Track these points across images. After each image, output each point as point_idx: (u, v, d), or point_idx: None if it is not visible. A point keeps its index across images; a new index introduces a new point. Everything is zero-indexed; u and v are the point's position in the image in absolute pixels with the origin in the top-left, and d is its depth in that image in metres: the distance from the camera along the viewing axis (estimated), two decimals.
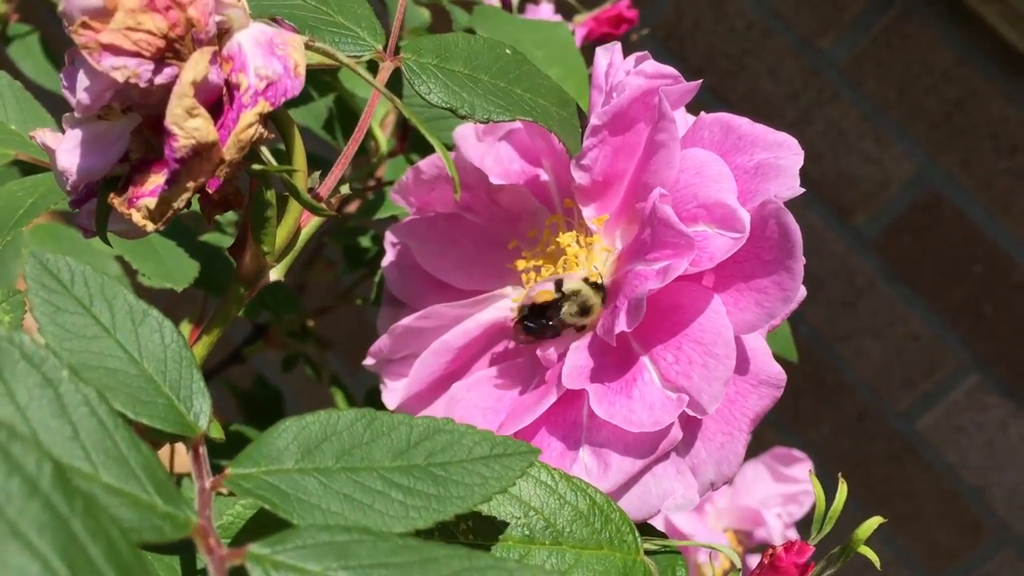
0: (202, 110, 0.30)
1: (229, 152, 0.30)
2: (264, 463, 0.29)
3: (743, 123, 0.39)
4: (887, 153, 1.08)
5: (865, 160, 1.09)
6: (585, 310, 0.40)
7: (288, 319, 0.61)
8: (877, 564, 0.36)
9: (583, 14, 0.66)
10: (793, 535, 0.71)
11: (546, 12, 0.63)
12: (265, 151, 0.32)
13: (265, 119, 0.31)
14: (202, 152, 0.30)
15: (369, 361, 0.45)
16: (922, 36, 1.05)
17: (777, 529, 0.68)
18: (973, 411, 1.08)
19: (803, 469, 0.70)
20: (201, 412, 0.30)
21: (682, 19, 1.13)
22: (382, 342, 0.44)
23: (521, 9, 0.65)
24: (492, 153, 0.46)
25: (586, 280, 0.40)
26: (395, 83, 0.54)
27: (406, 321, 0.44)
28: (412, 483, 0.30)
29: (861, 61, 1.09)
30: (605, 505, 0.35)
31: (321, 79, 0.59)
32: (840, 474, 0.38)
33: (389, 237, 0.47)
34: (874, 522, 0.35)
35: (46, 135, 0.34)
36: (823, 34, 1.09)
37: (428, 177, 0.44)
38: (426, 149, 0.58)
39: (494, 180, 0.44)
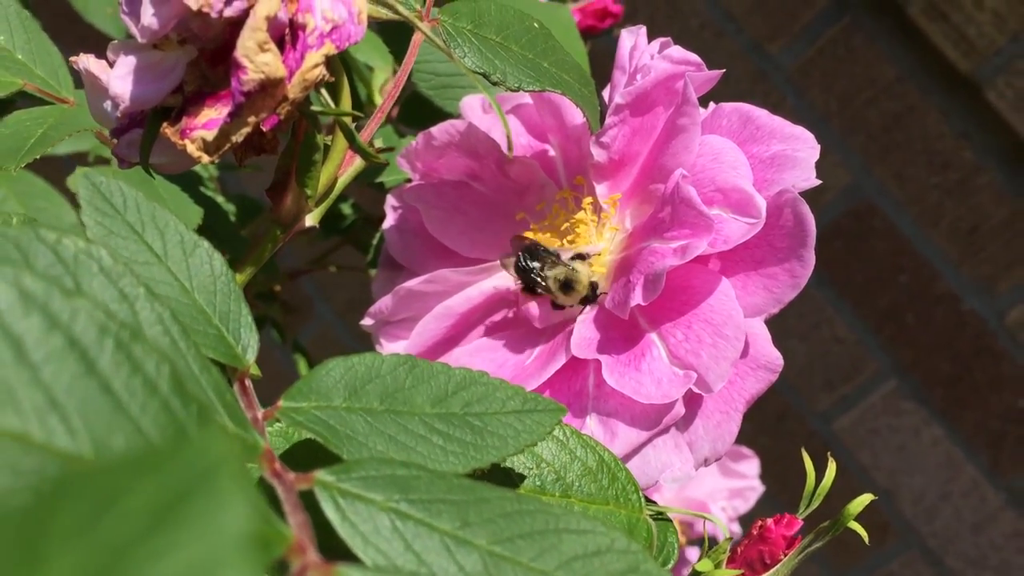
0: (273, 45, 0.30)
1: (293, 90, 0.31)
2: (315, 398, 0.30)
3: (762, 114, 0.40)
4: (825, 161, 1.12)
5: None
6: (568, 287, 0.41)
7: (260, 279, 0.60)
8: (865, 538, 0.38)
9: (570, 4, 0.67)
10: (736, 529, 0.73)
11: None
12: (324, 94, 0.33)
13: (328, 62, 0.31)
14: (268, 88, 0.30)
15: (367, 322, 0.46)
16: (867, 50, 1.09)
17: (722, 522, 0.70)
18: (888, 415, 1.12)
19: (751, 466, 0.72)
20: (249, 345, 0.30)
21: (636, 14, 1.15)
22: (383, 303, 0.45)
23: None
24: (499, 125, 0.47)
25: (591, 267, 0.42)
26: (402, 49, 0.55)
27: (411, 284, 0.44)
28: (451, 430, 0.31)
29: (807, 69, 1.12)
30: (613, 464, 0.37)
31: None
32: (829, 453, 0.40)
33: (391, 200, 0.48)
34: (865, 498, 0.37)
35: (90, 61, 0.34)
36: (773, 39, 1.12)
37: (439, 143, 0.45)
38: (415, 120, 0.58)
39: (505, 152, 0.44)
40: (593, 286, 0.41)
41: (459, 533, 0.26)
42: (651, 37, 0.42)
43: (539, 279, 0.42)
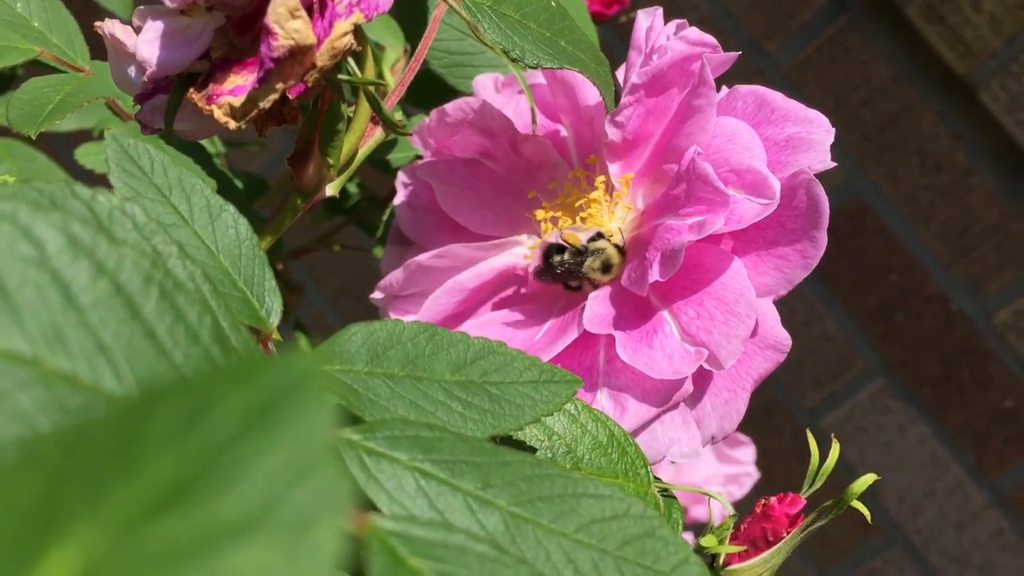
0: (303, 13, 0.30)
1: (322, 58, 0.31)
2: (338, 362, 0.30)
3: (777, 97, 0.41)
4: None
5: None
6: (607, 267, 0.42)
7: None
8: (868, 517, 0.38)
9: None
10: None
11: None
12: (352, 62, 0.33)
13: (356, 31, 0.32)
14: (297, 55, 0.31)
15: (377, 295, 0.46)
16: (864, 50, 1.10)
17: (716, 508, 0.71)
18: (875, 413, 1.13)
19: (747, 452, 0.73)
20: (272, 309, 0.31)
21: (635, 9, 1.16)
22: (393, 277, 0.45)
23: None
24: (511, 105, 0.47)
25: (610, 239, 0.42)
26: (413, 28, 0.55)
27: (422, 258, 0.44)
28: (470, 397, 0.31)
29: (804, 68, 1.13)
30: (623, 438, 0.37)
31: None
32: (833, 435, 0.41)
33: (401, 177, 0.48)
34: (869, 478, 0.38)
35: (115, 26, 0.34)
36: (771, 38, 1.13)
37: (452, 120, 0.45)
38: (422, 100, 0.58)
39: (518, 130, 0.45)
40: (621, 251, 0.42)
41: (481, 494, 0.26)
42: None
43: (581, 272, 0.42)
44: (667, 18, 0.43)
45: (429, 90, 0.55)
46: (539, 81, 0.47)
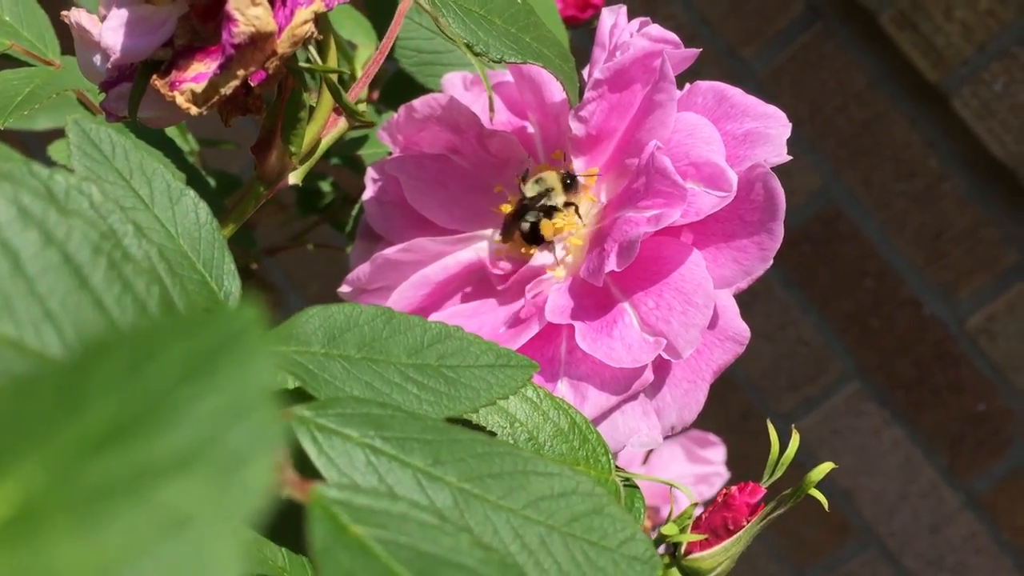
0: (264, 0, 0.31)
1: (283, 45, 0.32)
2: (294, 343, 0.30)
3: (736, 93, 0.41)
4: (795, 165, 1.13)
5: (774, 169, 1.14)
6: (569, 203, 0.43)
7: (238, 255, 0.61)
8: (825, 505, 0.39)
9: None
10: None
11: None
12: (312, 51, 0.33)
13: (317, 19, 0.32)
14: (258, 41, 0.31)
15: (345, 289, 0.46)
16: (838, 57, 1.11)
17: (688, 490, 0.71)
18: (850, 417, 1.14)
19: (717, 452, 0.73)
20: (231, 292, 0.31)
21: None
22: (361, 271, 0.46)
23: None
24: (479, 102, 0.48)
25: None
26: (385, 25, 0.55)
27: (388, 252, 0.45)
28: (425, 379, 0.32)
29: (779, 75, 1.14)
30: (584, 426, 0.38)
31: None
32: (793, 425, 0.41)
33: (371, 173, 0.49)
34: (826, 467, 0.39)
35: (81, 15, 0.35)
36: (747, 44, 1.14)
37: (420, 116, 0.46)
38: (396, 99, 0.59)
39: (485, 126, 0.45)
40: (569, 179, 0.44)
41: (431, 470, 0.27)
42: None
43: (551, 207, 0.43)
44: None
45: (403, 91, 0.56)
46: (507, 79, 0.48)
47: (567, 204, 0.44)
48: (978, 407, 1.10)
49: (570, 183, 0.44)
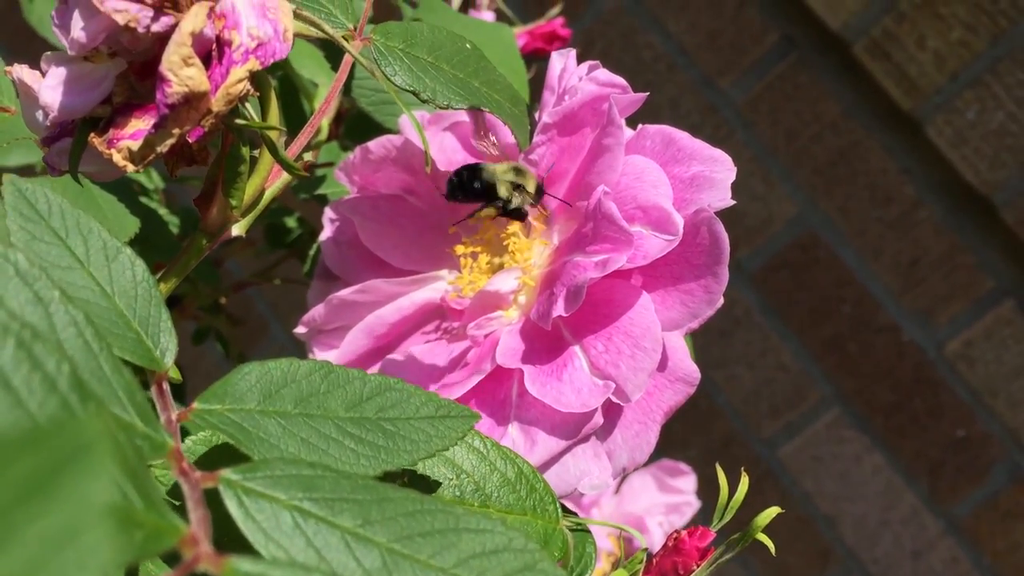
0: (197, 60, 0.31)
1: (217, 104, 0.32)
2: (228, 401, 0.30)
3: (683, 137, 0.42)
4: (773, 193, 1.14)
5: (752, 197, 1.15)
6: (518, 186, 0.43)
7: (204, 291, 0.61)
8: (772, 550, 0.39)
9: (519, 27, 0.69)
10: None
11: (487, 19, 0.66)
12: (249, 107, 0.34)
13: (252, 77, 0.32)
14: (192, 101, 0.31)
15: (301, 330, 0.46)
16: (813, 87, 1.11)
17: (658, 537, 0.71)
18: (831, 443, 1.14)
19: (688, 481, 0.73)
20: (167, 349, 0.31)
21: (592, 45, 1.17)
22: (316, 311, 0.46)
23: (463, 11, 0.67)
24: (436, 142, 0.48)
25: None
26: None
27: (343, 293, 0.45)
28: (364, 434, 0.32)
29: (756, 104, 1.14)
30: (531, 475, 0.38)
31: None
32: (743, 468, 0.41)
33: (328, 213, 0.49)
34: (772, 511, 0.39)
35: (23, 71, 0.35)
36: (724, 74, 1.15)
37: (376, 157, 0.46)
38: (360, 136, 0.59)
39: (441, 168, 0.46)
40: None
41: (360, 531, 0.27)
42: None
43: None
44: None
45: (368, 128, 0.56)
46: (464, 119, 0.48)
47: (532, 205, 0.44)
48: (957, 432, 1.10)
49: (539, 191, 0.44)
